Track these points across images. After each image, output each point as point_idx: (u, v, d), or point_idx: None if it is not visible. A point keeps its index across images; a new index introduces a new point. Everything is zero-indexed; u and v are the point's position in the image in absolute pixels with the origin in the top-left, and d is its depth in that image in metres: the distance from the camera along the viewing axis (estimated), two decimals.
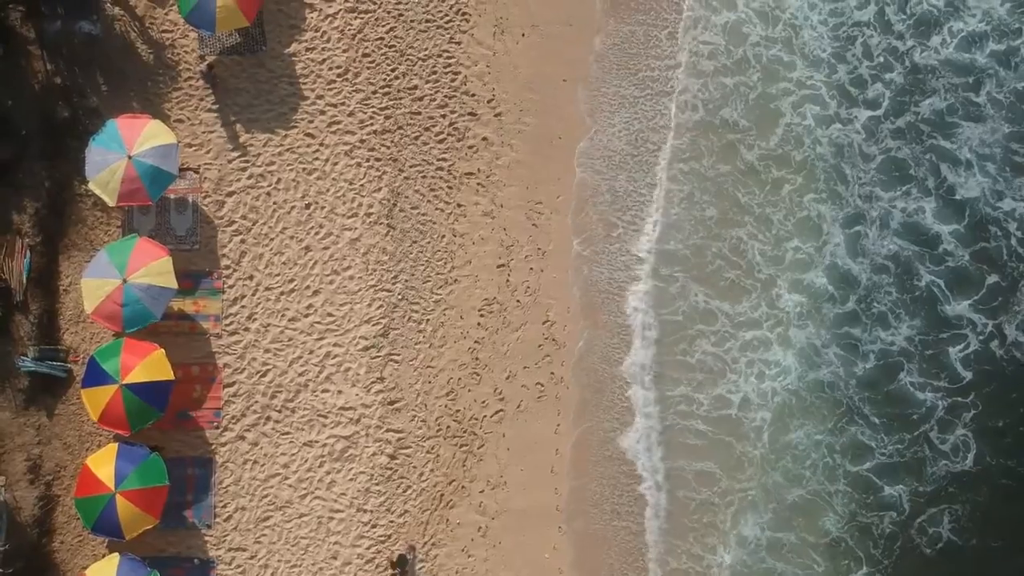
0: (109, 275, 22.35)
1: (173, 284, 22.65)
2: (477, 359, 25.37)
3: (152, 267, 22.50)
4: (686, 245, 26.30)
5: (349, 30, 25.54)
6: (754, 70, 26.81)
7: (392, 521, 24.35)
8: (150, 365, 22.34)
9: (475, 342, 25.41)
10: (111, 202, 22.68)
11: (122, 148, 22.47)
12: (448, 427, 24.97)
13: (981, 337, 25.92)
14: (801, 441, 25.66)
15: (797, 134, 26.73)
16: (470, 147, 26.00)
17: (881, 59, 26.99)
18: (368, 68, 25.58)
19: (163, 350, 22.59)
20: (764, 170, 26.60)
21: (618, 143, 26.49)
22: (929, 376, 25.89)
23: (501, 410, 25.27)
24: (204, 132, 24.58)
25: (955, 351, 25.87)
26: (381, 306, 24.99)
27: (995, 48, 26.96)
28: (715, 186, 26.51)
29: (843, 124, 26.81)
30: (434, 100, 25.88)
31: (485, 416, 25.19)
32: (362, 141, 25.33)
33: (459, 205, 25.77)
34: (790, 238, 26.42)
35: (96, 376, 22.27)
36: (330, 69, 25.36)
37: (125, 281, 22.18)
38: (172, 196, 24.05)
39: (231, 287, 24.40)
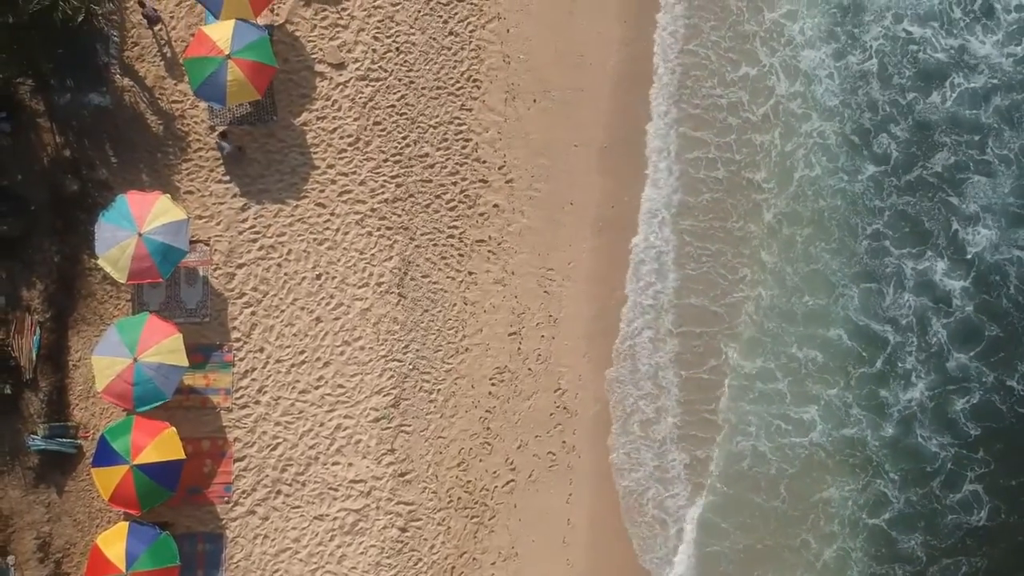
0: (120, 353, 22.18)
1: (184, 362, 22.48)
2: (488, 428, 25.23)
3: (163, 345, 22.33)
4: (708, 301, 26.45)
5: (360, 98, 25.39)
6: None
7: None
8: (161, 445, 22.18)
9: (486, 411, 25.26)
10: (121, 280, 22.50)
11: (132, 225, 22.29)
12: (459, 498, 24.82)
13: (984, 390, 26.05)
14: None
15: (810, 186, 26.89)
16: (481, 214, 25.87)
17: (885, 111, 27.13)
18: (379, 136, 25.44)
19: (174, 428, 22.43)
20: (777, 225, 26.73)
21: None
22: (937, 431, 25.99)
23: (512, 480, 25.14)
24: (214, 203, 24.42)
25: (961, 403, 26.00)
26: (392, 376, 24.83)
27: (999, 103, 27.04)
28: (723, 242, 26.62)
29: (849, 176, 26.91)
30: (445, 167, 25.75)
31: (496, 487, 25.05)
32: (373, 210, 25.20)
33: (470, 273, 25.64)
34: (801, 293, 26.49)
35: (106, 456, 22.09)
36: (341, 138, 25.22)
37: (136, 360, 22.01)
38: (182, 269, 23.83)
39: (241, 360, 24.24)
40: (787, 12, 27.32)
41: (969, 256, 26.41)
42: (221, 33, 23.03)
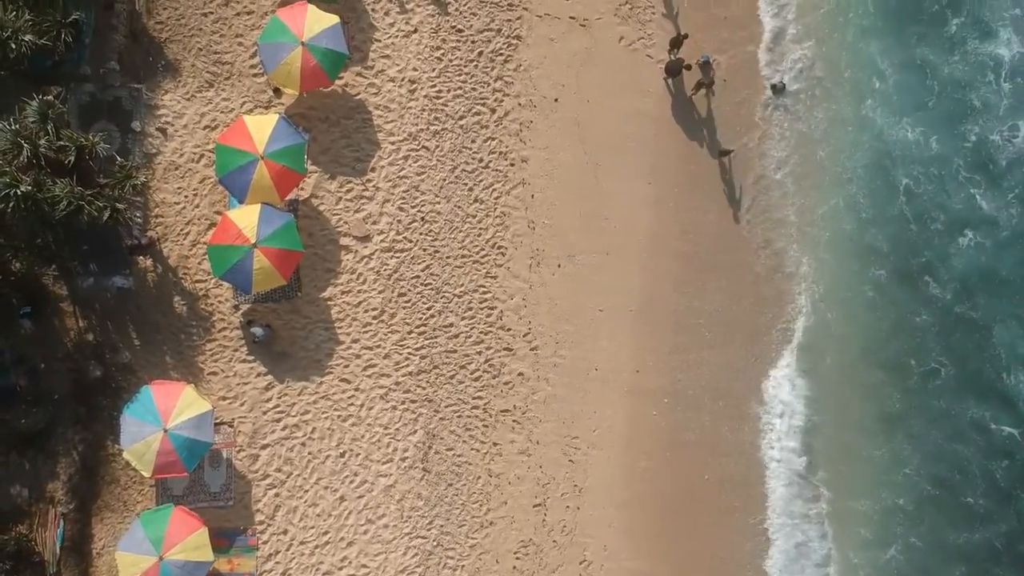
0: (145, 551, 21.89)
1: (210, 557, 22.22)
2: None
3: (188, 542, 22.05)
4: None
5: (385, 270, 25.18)
6: None
7: None
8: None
9: None
10: (147, 474, 22.24)
11: (157, 421, 22.05)
12: None
13: None
14: None
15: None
16: (506, 383, 25.63)
17: None
18: (404, 308, 25.23)
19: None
20: None
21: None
22: None
23: None
24: (238, 384, 24.19)
25: None
26: (416, 554, 24.56)
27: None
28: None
29: None
30: (470, 337, 25.52)
31: None
32: (397, 383, 24.96)
33: (495, 444, 25.39)
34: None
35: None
36: (366, 311, 25.01)
37: (161, 559, 21.75)
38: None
39: (265, 543, 23.96)
40: None
41: None
42: (247, 220, 22.84)
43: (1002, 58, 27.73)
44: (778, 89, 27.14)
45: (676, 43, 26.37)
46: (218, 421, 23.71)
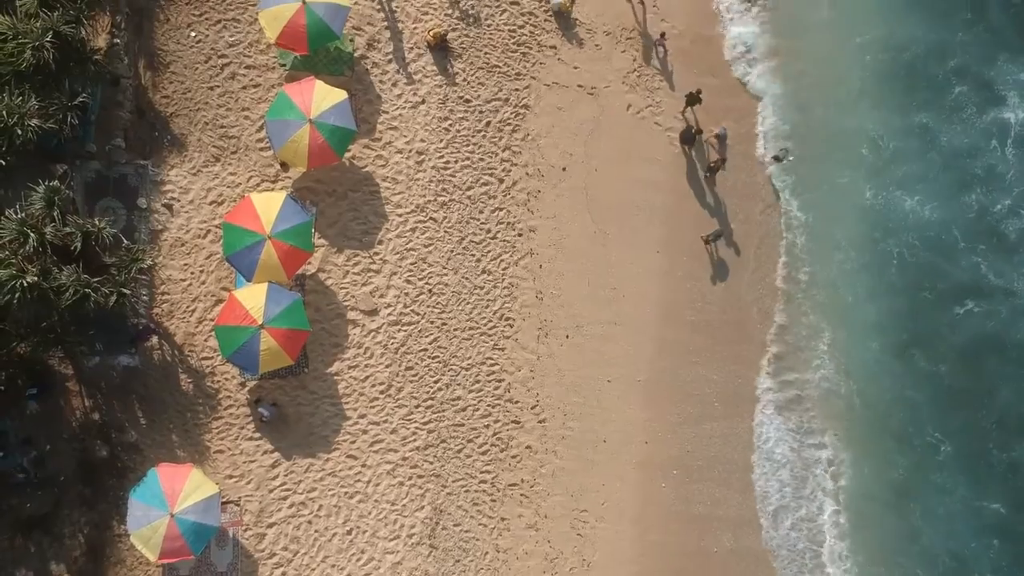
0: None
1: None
2: None
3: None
4: None
5: (392, 344, 25.01)
6: None
7: None
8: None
9: None
10: (152, 558, 21.99)
11: (164, 506, 21.80)
12: None
13: None
14: None
15: None
16: (514, 457, 25.45)
17: None
18: (411, 382, 25.04)
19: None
20: None
21: None
22: None
23: None
24: (245, 462, 23.99)
25: None
26: None
27: None
28: None
29: None
30: (478, 410, 25.35)
31: None
32: (404, 459, 24.77)
33: (503, 519, 25.19)
34: None
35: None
36: (373, 386, 24.83)
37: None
38: None
39: None
40: None
41: None
42: (254, 301, 22.67)
43: (1008, 124, 27.57)
44: (780, 159, 26.98)
45: (692, 100, 26.24)
46: (224, 500, 23.49)
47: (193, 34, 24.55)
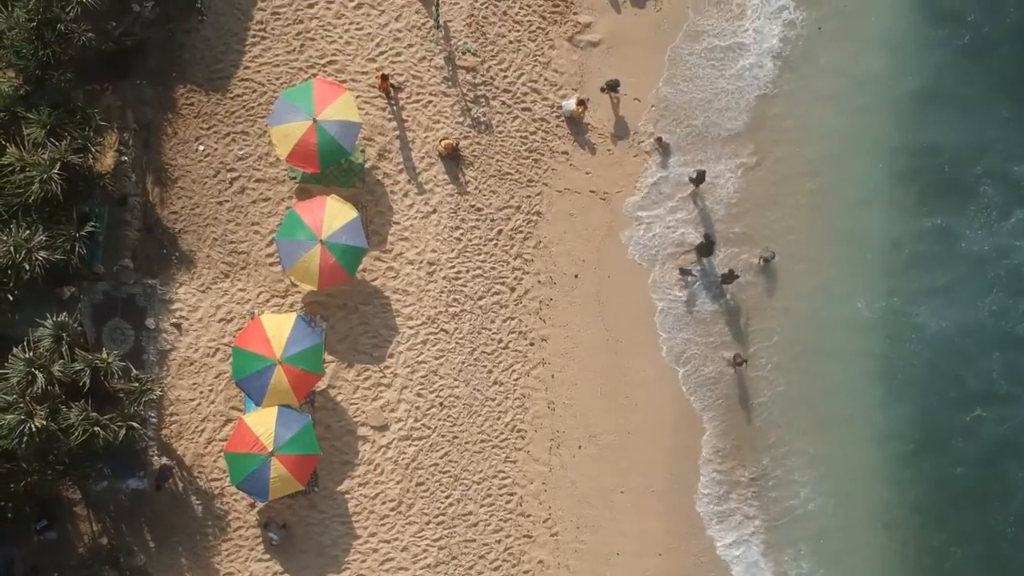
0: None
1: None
2: None
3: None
4: None
5: (403, 459, 24.70)
6: None
7: None
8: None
9: None
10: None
11: None
12: None
13: None
14: None
15: None
16: (526, 572, 25.12)
17: None
18: (422, 498, 24.73)
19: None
20: None
21: None
22: None
23: None
24: None
25: None
26: None
27: None
28: None
29: None
30: (489, 525, 25.03)
31: None
32: None
33: None
34: None
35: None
36: (383, 503, 24.51)
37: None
38: None
39: None
40: None
41: None
42: (264, 427, 22.35)
43: None
44: (768, 260, 26.53)
45: (706, 250, 26.09)
46: None
47: (201, 148, 24.30)
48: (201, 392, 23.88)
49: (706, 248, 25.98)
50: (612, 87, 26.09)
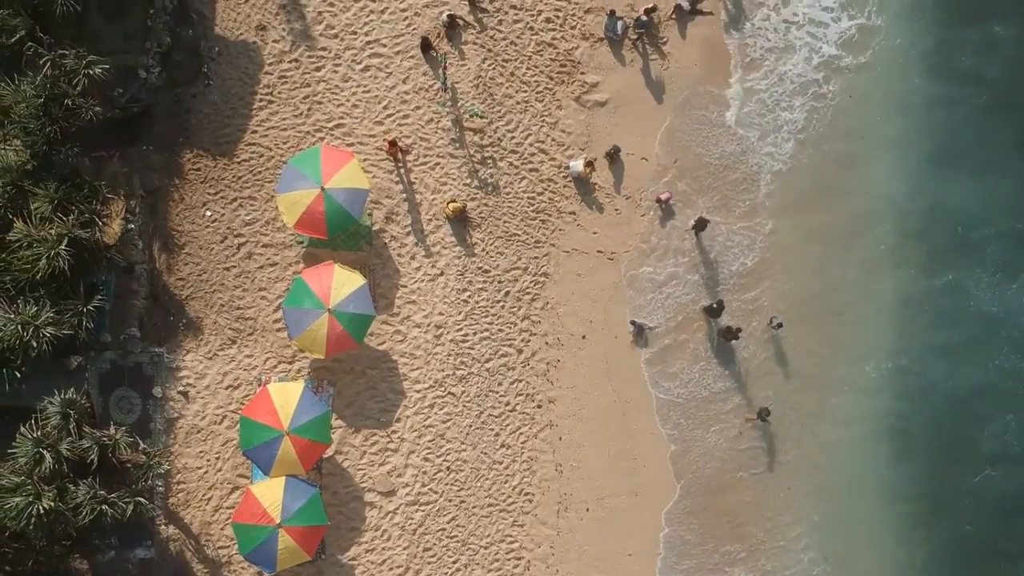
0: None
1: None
2: None
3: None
4: None
5: (410, 525, 24.61)
6: None
7: None
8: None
9: None
10: None
11: None
12: None
13: None
14: None
15: None
16: None
17: None
18: (429, 563, 24.63)
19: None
20: None
21: None
22: None
23: None
24: None
25: None
26: None
27: None
28: None
29: None
30: None
31: None
32: None
33: None
34: None
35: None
36: (390, 569, 24.41)
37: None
38: None
39: None
40: None
41: None
42: (271, 498, 22.25)
43: None
44: (777, 326, 26.43)
45: (715, 312, 26.00)
46: None
47: (208, 213, 24.25)
48: (208, 460, 23.80)
49: (715, 311, 25.86)
50: (613, 154, 26.04)
